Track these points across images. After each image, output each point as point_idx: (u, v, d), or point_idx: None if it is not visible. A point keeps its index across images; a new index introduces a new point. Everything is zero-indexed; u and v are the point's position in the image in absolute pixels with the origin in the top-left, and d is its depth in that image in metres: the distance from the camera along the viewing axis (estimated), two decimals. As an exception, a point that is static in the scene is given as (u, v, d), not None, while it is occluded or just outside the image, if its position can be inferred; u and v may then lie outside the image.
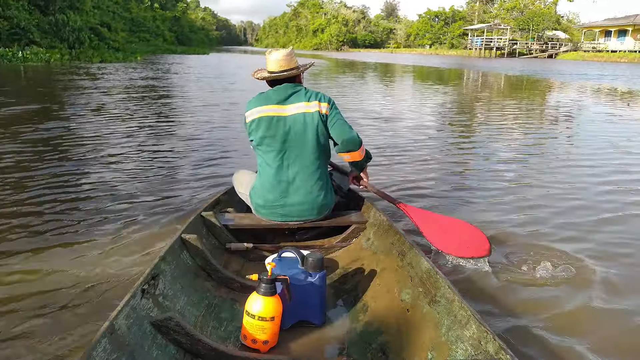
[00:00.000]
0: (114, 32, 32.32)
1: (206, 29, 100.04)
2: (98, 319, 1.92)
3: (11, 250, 2.58)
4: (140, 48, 34.66)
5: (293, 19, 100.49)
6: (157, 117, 7.23)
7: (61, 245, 2.66)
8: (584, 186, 4.03)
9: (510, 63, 34.94)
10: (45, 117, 6.77)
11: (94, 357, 1.25)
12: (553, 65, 32.99)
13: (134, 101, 8.88)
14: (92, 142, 5.30)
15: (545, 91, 14.03)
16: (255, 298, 1.67)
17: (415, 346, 1.61)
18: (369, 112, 8.29)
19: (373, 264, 2.20)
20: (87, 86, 11.19)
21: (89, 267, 2.40)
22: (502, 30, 55.12)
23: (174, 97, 9.91)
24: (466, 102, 10.70)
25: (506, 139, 6.15)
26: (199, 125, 6.68)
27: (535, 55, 50.55)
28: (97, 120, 6.65)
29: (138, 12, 46.95)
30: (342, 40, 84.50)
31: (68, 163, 4.41)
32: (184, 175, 4.15)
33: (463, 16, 70.52)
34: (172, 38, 54.40)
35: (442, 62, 36.86)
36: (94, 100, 8.79)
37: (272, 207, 2.38)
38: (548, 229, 3.04)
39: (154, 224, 2.99)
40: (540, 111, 9.33)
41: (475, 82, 17.44)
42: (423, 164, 4.76)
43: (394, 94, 12.23)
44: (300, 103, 2.35)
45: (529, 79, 18.72)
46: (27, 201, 3.35)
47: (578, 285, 2.33)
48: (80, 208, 3.25)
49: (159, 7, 58.22)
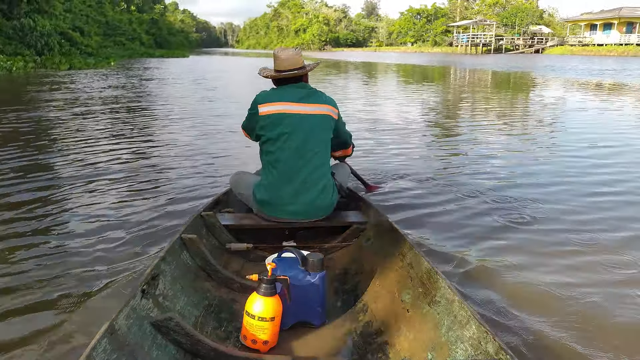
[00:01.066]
0: (87, 37, 30.72)
1: (185, 31, 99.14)
2: (98, 319, 1.91)
3: (11, 250, 2.58)
4: (116, 52, 33.56)
5: (274, 20, 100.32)
6: (139, 124, 7.11)
7: (61, 245, 2.66)
8: (579, 182, 4.07)
9: (497, 59, 34.86)
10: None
11: (94, 357, 1.25)
12: (543, 60, 32.83)
13: (109, 110, 8.44)
14: (85, 142, 5.30)
15: (542, 88, 14.05)
16: (255, 298, 1.67)
17: (415, 346, 1.61)
18: (357, 112, 8.17)
19: (373, 264, 2.20)
20: (50, 98, 9.66)
21: (89, 267, 2.40)
22: (488, 26, 55.17)
23: (153, 105, 9.07)
24: (456, 101, 10.64)
25: (504, 138, 6.17)
26: (193, 129, 6.68)
27: (522, 51, 50.69)
28: (79, 125, 6.64)
29: (114, 15, 45.56)
30: (324, 40, 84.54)
31: (62, 169, 4.41)
32: (184, 175, 4.15)
33: (445, 13, 70.73)
34: (150, 41, 52.95)
35: (428, 59, 36.66)
36: (74, 107, 8.35)
37: (277, 204, 2.38)
38: (547, 228, 3.03)
39: (154, 224, 2.99)
40: (535, 109, 9.35)
41: (463, 80, 17.30)
42: (408, 159, 4.89)
43: (381, 94, 12.02)
44: (318, 104, 2.39)
45: (521, 76, 18.64)
46: (25, 203, 3.35)
47: (578, 285, 2.33)
48: (81, 209, 3.25)
49: (135, 10, 56.93)
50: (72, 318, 1.96)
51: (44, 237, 2.77)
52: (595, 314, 2.09)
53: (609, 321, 2.05)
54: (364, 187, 3.57)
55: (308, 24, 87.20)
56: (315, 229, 2.56)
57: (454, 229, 3.01)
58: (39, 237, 2.76)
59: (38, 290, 2.18)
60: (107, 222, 3.01)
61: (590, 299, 2.21)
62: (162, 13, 69.89)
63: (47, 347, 1.78)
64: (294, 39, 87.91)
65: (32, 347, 1.78)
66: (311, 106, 2.36)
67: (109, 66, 22.70)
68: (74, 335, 1.84)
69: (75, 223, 2.99)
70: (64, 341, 1.81)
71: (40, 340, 1.81)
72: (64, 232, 2.86)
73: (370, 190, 3.58)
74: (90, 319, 1.93)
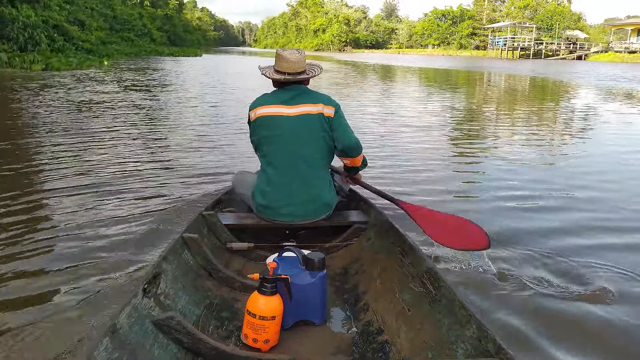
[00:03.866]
0: (87, 31, 27.73)
1: (202, 29, 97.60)
2: (100, 318, 1.92)
3: (10, 250, 2.59)
4: (121, 49, 30.91)
5: (292, 19, 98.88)
6: (148, 121, 7.15)
7: (61, 246, 2.66)
8: (596, 195, 3.83)
9: (545, 66, 30.19)
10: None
11: (96, 356, 1.26)
12: (597, 67, 27.99)
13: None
14: (90, 141, 5.31)
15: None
16: (256, 297, 1.68)
17: (416, 346, 1.61)
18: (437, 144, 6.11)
19: (374, 264, 2.20)
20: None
21: (90, 266, 2.41)
22: (528, 29, 50.44)
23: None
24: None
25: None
26: (200, 127, 6.68)
27: (563, 57, 45.87)
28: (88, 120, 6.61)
29: (123, 9, 41.42)
30: (344, 41, 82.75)
31: (62, 170, 4.41)
32: (185, 175, 4.16)
33: (472, 15, 67.84)
34: (164, 38, 49.76)
35: (463, 64, 32.26)
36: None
37: (275, 207, 2.38)
38: (552, 232, 3.01)
39: (156, 223, 2.99)
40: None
41: (535, 96, 13.35)
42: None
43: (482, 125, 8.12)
44: (305, 104, 2.34)
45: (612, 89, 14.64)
46: (25, 203, 3.36)
47: (579, 285, 2.33)
48: (82, 209, 3.25)
49: (149, 5, 53.31)
50: (73, 317, 1.96)
51: (44, 237, 2.78)
52: (597, 315, 2.09)
53: (611, 322, 2.05)
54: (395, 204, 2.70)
55: (327, 23, 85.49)
56: (316, 229, 2.57)
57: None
58: (39, 237, 2.76)
59: (38, 289, 2.19)
60: (108, 222, 3.01)
61: (592, 300, 2.21)
62: (177, 10, 65.20)
63: (48, 346, 1.78)
64: (313, 39, 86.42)
65: (32, 346, 1.79)
66: (298, 107, 2.33)
67: (102, 66, 19.11)
68: (75, 334, 1.84)
69: (75, 223, 2.99)
70: (65, 340, 1.81)
71: (41, 340, 1.82)
72: (64, 232, 2.86)
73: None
74: (91, 318, 1.94)
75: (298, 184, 2.34)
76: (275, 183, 2.35)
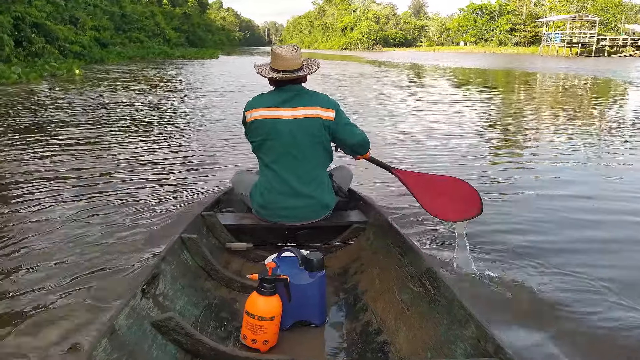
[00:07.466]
0: (80, 31, 24.29)
1: (227, 29, 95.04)
2: (98, 319, 1.92)
3: (10, 249, 2.59)
4: (125, 51, 28.32)
5: (318, 18, 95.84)
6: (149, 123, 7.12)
7: (60, 246, 2.66)
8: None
9: (623, 65, 25.28)
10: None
11: (95, 357, 1.25)
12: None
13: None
14: (88, 143, 5.30)
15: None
16: (255, 298, 1.67)
17: (415, 346, 1.61)
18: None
19: (373, 264, 2.20)
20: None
21: (89, 266, 2.41)
22: (590, 22, 44.35)
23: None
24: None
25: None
26: (199, 127, 6.68)
27: (631, 54, 39.74)
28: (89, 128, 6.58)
29: (134, 7, 38.13)
30: (373, 39, 79.05)
31: (61, 170, 4.41)
32: (184, 175, 4.16)
33: (512, 9, 62.59)
34: (181, 38, 46.32)
35: (525, 65, 27.27)
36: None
37: (273, 208, 2.37)
38: (555, 236, 3.00)
39: (154, 224, 2.99)
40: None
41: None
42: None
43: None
44: (303, 107, 2.29)
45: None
46: (25, 203, 3.35)
47: (579, 286, 2.33)
48: (81, 211, 3.25)
49: (168, 4, 49.31)
50: (72, 318, 1.96)
51: (44, 237, 2.78)
52: (597, 316, 2.09)
53: (610, 322, 2.05)
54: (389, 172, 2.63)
55: (356, 21, 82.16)
56: (315, 229, 2.56)
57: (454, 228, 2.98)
58: (39, 237, 2.76)
59: (37, 290, 2.18)
60: (107, 223, 3.01)
61: (593, 301, 2.21)
62: (200, 9, 61.80)
63: (47, 347, 1.78)
64: (340, 37, 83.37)
65: (31, 347, 1.78)
66: (296, 110, 2.28)
67: (70, 75, 14.96)
68: (74, 335, 1.84)
69: (74, 224, 2.99)
70: (64, 341, 1.81)
71: (40, 341, 1.82)
72: (64, 232, 2.86)
73: (397, 175, 2.59)
74: (90, 319, 1.94)
75: (296, 186, 2.33)
76: (274, 184, 2.34)
